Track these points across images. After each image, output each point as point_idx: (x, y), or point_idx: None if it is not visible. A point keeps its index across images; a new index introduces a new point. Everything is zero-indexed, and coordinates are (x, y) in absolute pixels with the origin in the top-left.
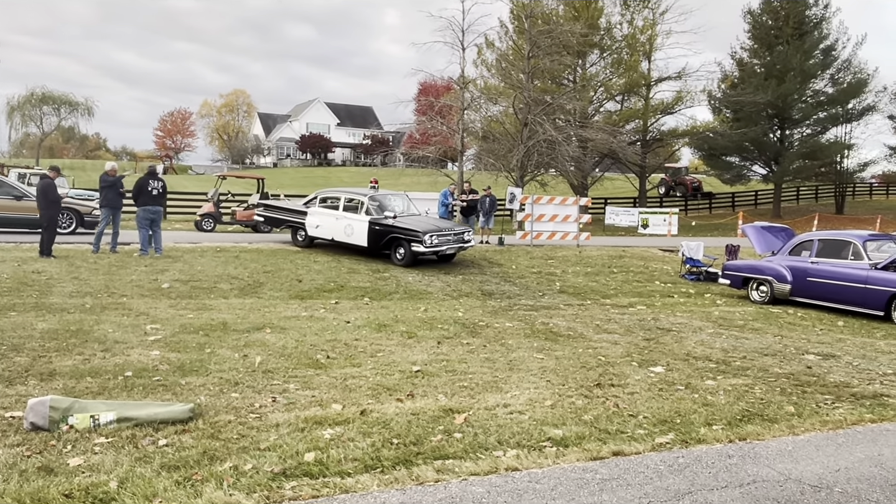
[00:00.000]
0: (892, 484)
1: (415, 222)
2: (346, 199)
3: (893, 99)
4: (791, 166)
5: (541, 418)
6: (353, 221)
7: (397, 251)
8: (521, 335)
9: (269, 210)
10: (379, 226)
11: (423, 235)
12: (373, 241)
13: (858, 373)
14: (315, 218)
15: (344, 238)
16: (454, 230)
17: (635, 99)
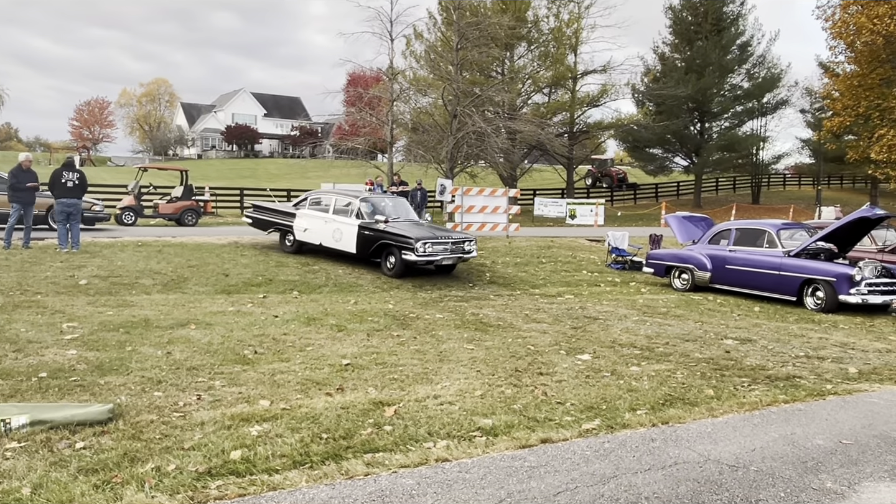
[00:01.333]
0: (804, 461)
1: (408, 228)
2: (337, 201)
3: (804, 94)
4: (710, 158)
5: (471, 408)
6: (341, 225)
7: (388, 259)
8: (451, 326)
9: (258, 211)
10: (368, 231)
11: (415, 243)
12: (362, 248)
13: (773, 356)
14: (303, 220)
15: (332, 243)
16: (453, 238)
17: (562, 91)
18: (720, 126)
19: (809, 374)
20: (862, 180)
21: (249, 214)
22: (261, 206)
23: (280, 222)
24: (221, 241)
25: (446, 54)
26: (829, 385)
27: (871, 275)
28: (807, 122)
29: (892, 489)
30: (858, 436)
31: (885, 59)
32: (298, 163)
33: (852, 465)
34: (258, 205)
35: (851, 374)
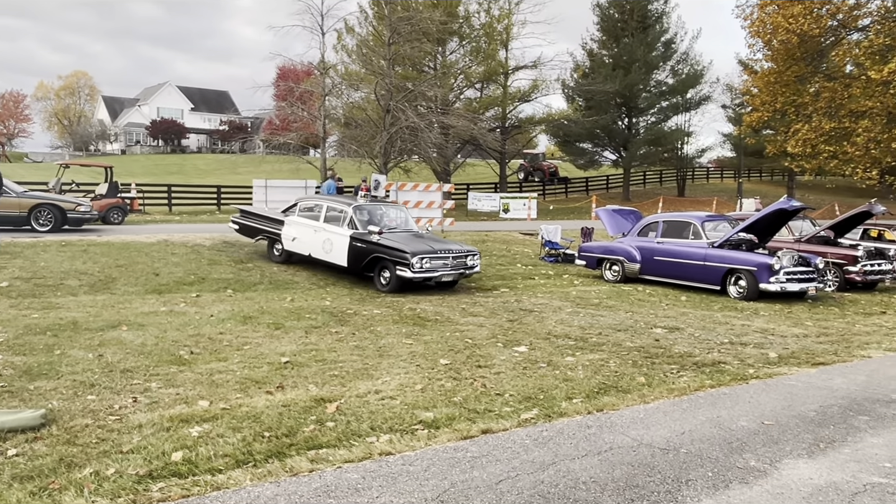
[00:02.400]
0: (729, 442)
1: (403, 241)
2: (328, 208)
3: (725, 90)
4: (638, 152)
5: (412, 402)
6: (332, 235)
7: (381, 274)
8: (389, 322)
9: (246, 217)
10: (361, 243)
11: (410, 258)
12: (353, 261)
13: (700, 343)
14: (292, 229)
15: (322, 255)
16: (453, 252)
17: (494, 87)
18: (647, 121)
19: (733, 360)
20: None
21: (236, 220)
22: (248, 212)
23: (268, 229)
24: (150, 240)
25: (378, 49)
26: (751, 370)
27: (789, 264)
28: (728, 117)
29: (809, 465)
30: (779, 416)
31: (800, 57)
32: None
33: (773, 444)
34: (246, 210)
35: (772, 358)
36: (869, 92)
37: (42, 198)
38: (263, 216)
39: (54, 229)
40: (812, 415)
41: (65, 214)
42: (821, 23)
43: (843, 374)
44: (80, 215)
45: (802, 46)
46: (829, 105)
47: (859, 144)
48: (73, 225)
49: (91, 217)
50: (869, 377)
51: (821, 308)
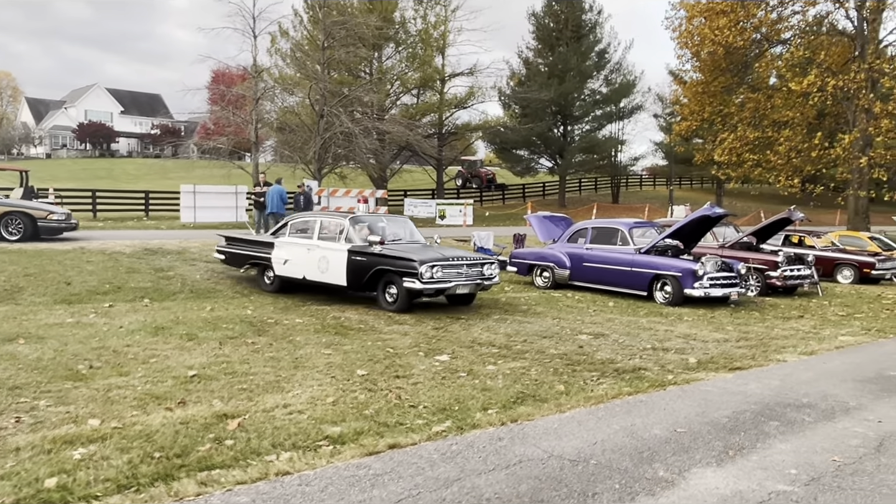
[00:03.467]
0: (640, 451)
1: (409, 249)
2: (322, 224)
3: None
4: (573, 159)
5: (320, 416)
6: (328, 252)
7: (387, 290)
8: (310, 331)
9: (232, 244)
10: (360, 256)
11: (419, 266)
12: (353, 277)
13: (623, 349)
14: (283, 251)
15: (317, 275)
16: (468, 260)
17: (430, 93)
18: (582, 129)
19: (654, 366)
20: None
21: (222, 249)
22: (234, 239)
23: (256, 255)
24: (65, 247)
25: (313, 53)
26: (670, 375)
27: (712, 269)
28: (659, 126)
29: (717, 474)
30: (692, 423)
31: (726, 68)
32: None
33: (684, 452)
34: (231, 237)
35: (691, 364)
36: (790, 103)
37: (10, 205)
38: (250, 241)
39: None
40: (724, 421)
41: (35, 223)
42: (745, 35)
43: (758, 379)
44: (53, 224)
45: (728, 58)
46: (753, 115)
47: (781, 153)
48: (49, 234)
49: (69, 226)
50: (783, 381)
51: (742, 313)
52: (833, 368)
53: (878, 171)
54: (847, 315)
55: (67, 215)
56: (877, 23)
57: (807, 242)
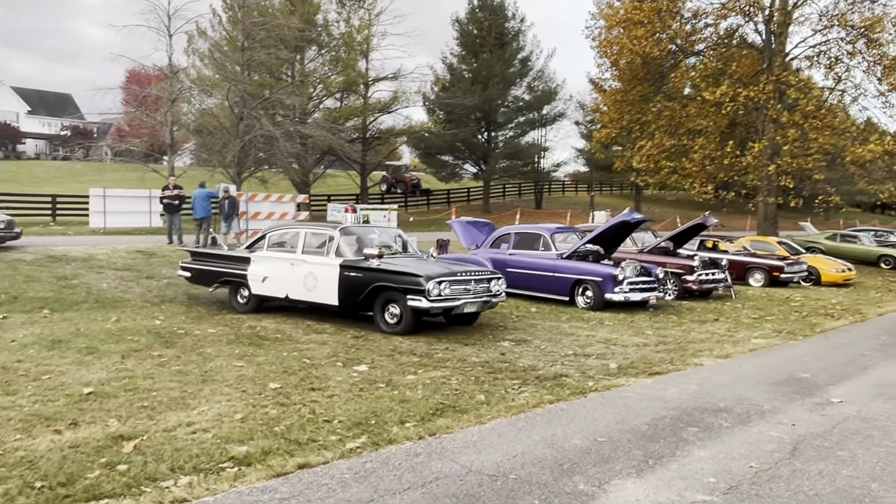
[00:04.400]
0: (560, 464)
1: (411, 264)
2: (307, 236)
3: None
4: (497, 165)
5: (227, 435)
6: (316, 268)
7: (387, 309)
8: (223, 342)
9: (199, 260)
10: (355, 271)
11: (425, 283)
12: (347, 295)
13: (544, 355)
14: (261, 266)
15: (303, 294)
16: (476, 275)
17: (354, 97)
18: (505, 135)
19: (575, 372)
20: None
21: (187, 266)
22: (202, 253)
23: (228, 271)
24: None
25: (232, 54)
26: (591, 382)
27: (632, 274)
28: (580, 133)
29: (637, 485)
30: (612, 432)
31: (644, 77)
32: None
33: (604, 463)
34: (197, 251)
35: (612, 369)
36: (704, 112)
37: None
38: (221, 256)
39: None
40: (644, 428)
41: None
42: (661, 46)
43: (676, 384)
44: None
45: (646, 67)
46: (669, 123)
47: (696, 161)
48: None
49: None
50: (700, 386)
51: (661, 317)
52: (747, 371)
53: (785, 178)
54: (759, 318)
55: (6, 223)
56: (783, 36)
57: (720, 247)
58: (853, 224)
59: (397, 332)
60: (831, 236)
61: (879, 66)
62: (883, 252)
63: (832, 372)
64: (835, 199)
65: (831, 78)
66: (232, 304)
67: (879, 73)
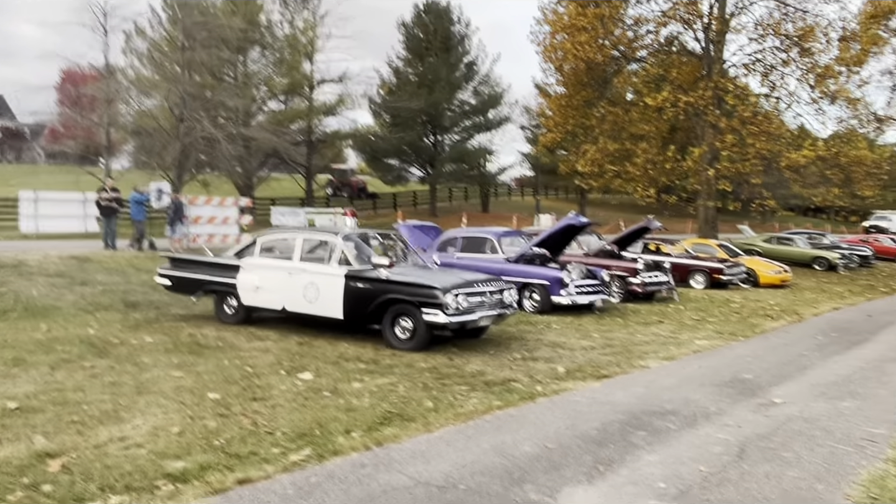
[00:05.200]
0: (510, 472)
1: (424, 274)
2: (306, 241)
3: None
4: (444, 169)
5: (162, 450)
6: (317, 277)
7: (398, 323)
8: (160, 351)
9: (180, 266)
10: (363, 282)
11: (442, 295)
12: (354, 308)
13: (492, 360)
14: (253, 275)
15: (303, 306)
16: (490, 285)
17: (299, 99)
18: (452, 139)
19: (524, 377)
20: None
21: (165, 273)
22: (183, 260)
23: (214, 280)
24: None
25: (172, 54)
26: (539, 387)
27: (578, 277)
28: (526, 137)
29: (588, 492)
30: (562, 438)
31: (587, 82)
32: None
33: (555, 470)
34: (178, 257)
35: (560, 373)
36: (646, 117)
37: None
38: (206, 263)
39: None
40: (594, 433)
41: None
42: (604, 52)
43: (624, 387)
44: None
45: (589, 73)
46: (613, 128)
47: (639, 165)
48: None
49: None
50: (647, 389)
51: (607, 319)
52: (692, 373)
53: (723, 182)
54: (701, 319)
55: None
56: (721, 44)
57: (663, 250)
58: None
59: (410, 347)
60: (768, 239)
61: (812, 74)
62: (816, 254)
63: (773, 372)
64: (770, 202)
65: (767, 85)
66: (218, 315)
67: (812, 80)
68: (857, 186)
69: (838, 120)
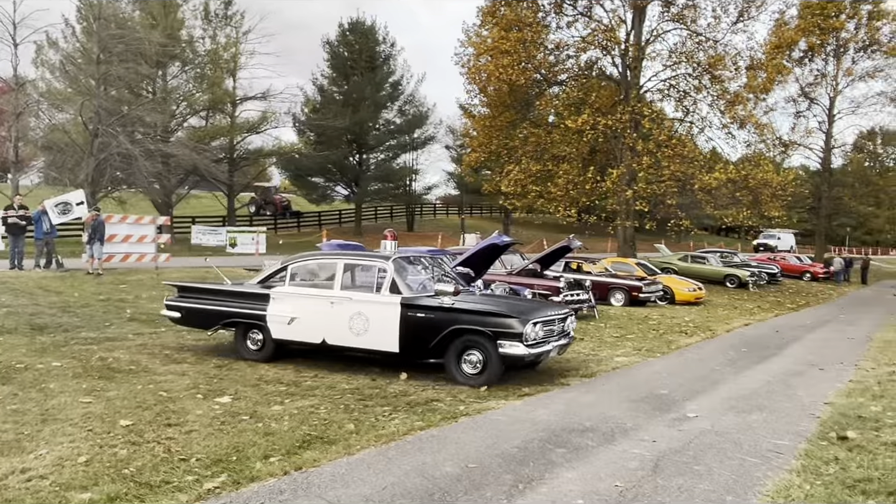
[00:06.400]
0: (431, 494)
1: (495, 302)
2: (348, 267)
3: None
4: (369, 188)
5: (67, 481)
6: (367, 307)
7: (465, 358)
8: (68, 376)
9: (192, 297)
10: (425, 311)
11: (520, 324)
12: (413, 341)
13: (415, 379)
14: (286, 305)
15: (349, 338)
16: (558, 312)
17: (221, 116)
18: (377, 158)
19: (447, 397)
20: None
21: (175, 304)
22: (195, 289)
23: (240, 311)
24: None
25: (86, 67)
26: (462, 406)
27: None
28: (451, 156)
29: None
30: (483, 457)
31: (510, 104)
32: None
33: (475, 490)
34: (189, 286)
35: (482, 392)
36: (567, 139)
37: None
38: (225, 292)
39: None
40: (514, 452)
41: None
42: (527, 75)
43: (545, 405)
44: None
45: (512, 95)
46: (535, 149)
47: (560, 185)
48: None
49: None
50: (567, 406)
51: None
52: (611, 390)
53: (641, 203)
54: (620, 336)
55: None
56: (638, 70)
57: (584, 269)
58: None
59: (480, 383)
60: (683, 257)
61: (722, 100)
62: (728, 272)
63: (687, 388)
64: (685, 222)
65: (681, 110)
66: (239, 351)
67: (722, 106)
68: (765, 207)
69: (747, 144)
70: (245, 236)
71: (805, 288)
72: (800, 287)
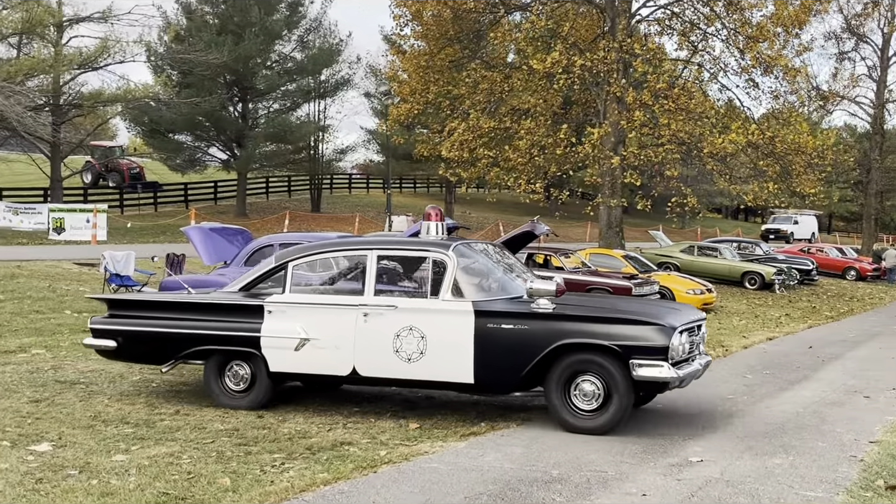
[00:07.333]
0: None
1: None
2: (381, 262)
3: (369, 73)
4: (258, 150)
5: None
6: (419, 317)
7: (578, 385)
8: None
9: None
10: (512, 320)
11: (662, 334)
12: (497, 366)
13: (320, 415)
14: (291, 322)
15: (395, 367)
16: (696, 317)
17: (41, 44)
18: (268, 108)
19: (362, 438)
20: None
21: (103, 327)
22: (134, 303)
23: (213, 334)
24: None
25: None
26: (383, 450)
27: None
28: (373, 108)
29: None
30: None
31: (454, 36)
32: None
33: None
34: (126, 300)
35: (412, 431)
36: (532, 86)
37: None
38: (190, 305)
39: None
40: None
41: None
42: None
43: (497, 447)
44: None
45: (458, 23)
46: (488, 99)
47: (522, 149)
48: None
49: None
50: (527, 448)
51: None
52: None
53: (631, 174)
54: None
55: None
56: None
57: (554, 263)
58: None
59: (598, 425)
60: (687, 249)
61: (741, 35)
62: (747, 269)
63: (690, 422)
64: (691, 201)
65: (686, 48)
66: (214, 391)
67: (741, 43)
68: (797, 181)
69: (774, 95)
70: (77, 217)
71: (848, 290)
72: (842, 288)
